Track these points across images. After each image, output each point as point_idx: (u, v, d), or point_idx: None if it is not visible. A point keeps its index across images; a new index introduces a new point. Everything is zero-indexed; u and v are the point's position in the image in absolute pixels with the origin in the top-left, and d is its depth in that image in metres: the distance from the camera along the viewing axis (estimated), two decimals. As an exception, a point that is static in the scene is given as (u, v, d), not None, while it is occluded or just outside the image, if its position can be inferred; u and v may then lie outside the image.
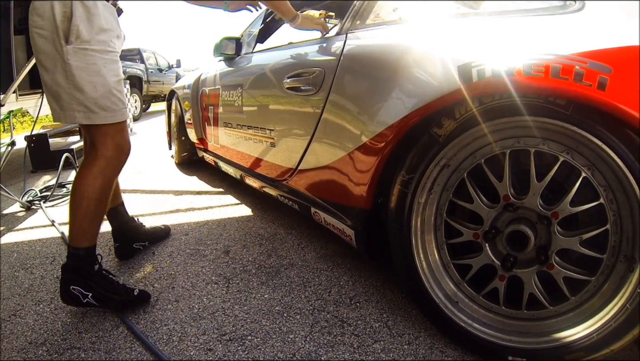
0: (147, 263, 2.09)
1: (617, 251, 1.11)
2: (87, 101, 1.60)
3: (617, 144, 1.01)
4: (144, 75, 11.24)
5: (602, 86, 0.93)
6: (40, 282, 1.94)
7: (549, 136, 1.15)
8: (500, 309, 1.31)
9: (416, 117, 1.33)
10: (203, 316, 1.61)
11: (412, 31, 1.56)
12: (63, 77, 1.56)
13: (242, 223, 2.62)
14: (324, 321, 1.56)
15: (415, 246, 1.42)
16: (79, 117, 1.63)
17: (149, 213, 2.87)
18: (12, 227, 2.72)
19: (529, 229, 1.22)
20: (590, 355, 1.13)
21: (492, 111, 1.18)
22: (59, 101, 1.61)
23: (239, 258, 2.10)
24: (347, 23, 1.88)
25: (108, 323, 1.59)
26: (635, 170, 0.99)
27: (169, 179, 3.86)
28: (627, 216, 1.07)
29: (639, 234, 1.05)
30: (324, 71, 1.81)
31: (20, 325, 1.62)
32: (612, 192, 1.09)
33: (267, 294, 1.76)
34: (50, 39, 1.53)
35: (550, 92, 1.05)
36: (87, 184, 1.64)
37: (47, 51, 1.55)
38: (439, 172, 1.34)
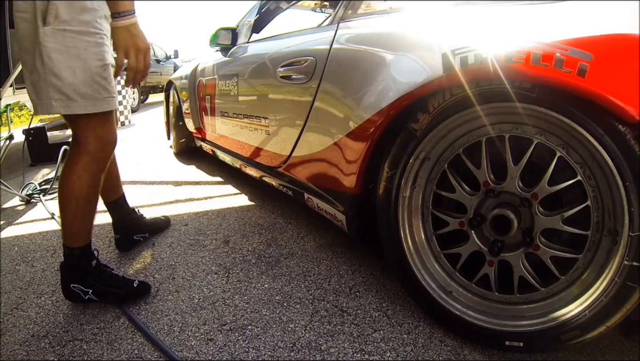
0: (147, 254, 2.10)
1: (601, 226, 1.12)
2: (65, 87, 1.46)
3: (588, 123, 1.03)
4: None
5: (583, 72, 0.95)
6: (41, 275, 1.94)
7: (522, 120, 1.19)
8: (494, 295, 1.32)
9: (396, 108, 1.39)
10: (203, 307, 1.62)
11: (399, 20, 1.60)
12: (40, 62, 1.42)
13: (241, 212, 2.62)
14: (324, 310, 1.57)
15: (405, 239, 1.46)
16: (56, 107, 1.47)
17: (149, 204, 2.87)
18: (12, 221, 2.73)
19: (511, 212, 1.25)
20: (586, 333, 1.13)
21: (464, 101, 1.23)
22: (37, 89, 1.47)
23: (238, 247, 2.11)
24: (340, 12, 1.91)
25: (109, 315, 1.60)
26: (607, 144, 1.01)
27: (168, 170, 3.86)
28: (605, 190, 1.09)
29: (619, 207, 1.05)
30: (315, 59, 1.85)
31: (22, 318, 1.62)
32: (589, 168, 1.11)
33: (267, 283, 1.77)
34: (31, 22, 1.41)
35: (531, 79, 1.07)
36: (73, 183, 1.56)
37: (28, 35, 1.43)
38: (420, 165, 1.39)
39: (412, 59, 1.39)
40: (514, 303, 1.30)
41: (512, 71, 1.07)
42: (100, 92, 1.54)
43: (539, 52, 1.02)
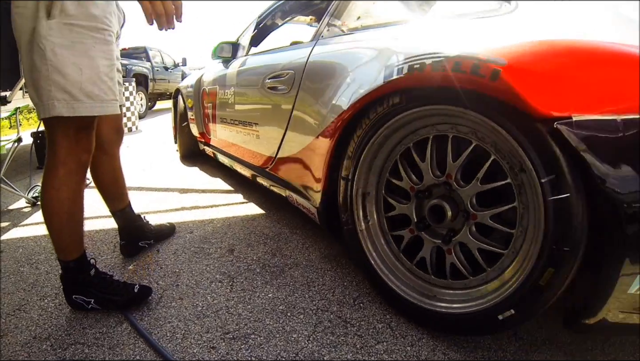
0: (151, 260, 2.09)
1: (527, 222, 1.22)
2: (70, 85, 1.36)
3: (512, 128, 1.14)
4: (149, 73, 11.27)
5: (495, 76, 1.09)
6: (45, 277, 1.94)
7: (455, 122, 1.34)
8: (430, 278, 1.49)
9: (349, 114, 1.61)
10: (207, 314, 1.61)
11: (360, 39, 1.85)
12: (41, 59, 1.32)
13: (247, 221, 2.62)
14: (327, 321, 1.56)
15: (359, 222, 1.68)
16: (59, 107, 1.36)
17: (154, 211, 2.88)
18: (17, 222, 2.73)
19: (446, 203, 1.39)
20: (522, 314, 1.20)
21: (400, 106, 1.42)
22: (38, 89, 1.36)
23: (243, 256, 2.11)
24: (319, 30, 2.17)
25: (112, 319, 1.60)
26: (529, 149, 1.11)
27: (174, 177, 3.87)
28: (529, 189, 1.18)
29: (537, 205, 1.14)
30: (294, 72, 2.09)
31: (24, 319, 1.62)
32: (516, 171, 1.22)
33: (271, 293, 1.76)
34: (30, 17, 1.31)
35: (452, 84, 1.21)
36: (52, 198, 1.48)
37: (27, 31, 1.33)
38: (372, 157, 1.60)
39: (363, 71, 1.61)
40: (456, 288, 1.43)
41: (438, 78, 1.24)
42: (107, 93, 1.47)
43: (460, 60, 1.17)
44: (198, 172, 4.05)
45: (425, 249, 1.50)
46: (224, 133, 3.22)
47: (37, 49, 1.32)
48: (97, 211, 2.68)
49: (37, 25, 1.31)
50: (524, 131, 1.11)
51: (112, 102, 1.50)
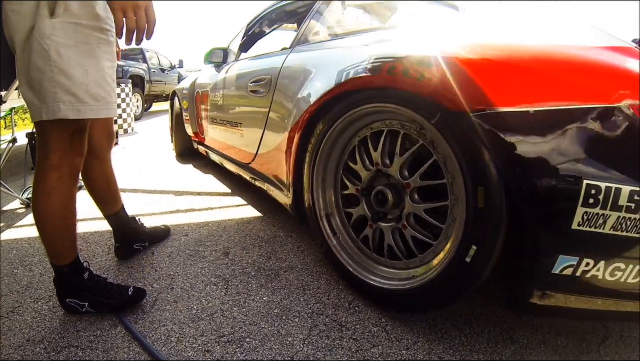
0: (146, 263, 2.08)
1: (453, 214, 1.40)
2: (75, 87, 1.33)
3: (438, 122, 1.31)
4: (146, 75, 11.26)
5: (422, 77, 1.29)
6: (39, 279, 1.93)
7: (396, 117, 1.53)
8: (372, 254, 1.72)
9: (309, 114, 1.82)
10: (201, 318, 1.61)
11: (323, 47, 2.10)
12: (44, 59, 1.28)
13: (242, 224, 2.62)
14: (323, 324, 1.56)
15: (317, 203, 1.90)
16: (64, 110, 1.33)
17: (149, 213, 2.87)
18: (11, 223, 2.72)
19: (389, 191, 1.58)
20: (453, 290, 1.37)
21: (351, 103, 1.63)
22: (39, 91, 1.31)
23: (238, 259, 2.10)
24: (296, 38, 2.44)
25: (106, 322, 1.59)
26: (459, 153, 1.26)
27: (169, 179, 3.86)
28: (458, 183, 1.31)
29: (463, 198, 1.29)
30: (271, 77, 2.32)
31: (18, 322, 1.61)
32: (452, 174, 1.36)
33: (265, 296, 1.75)
34: (28, 14, 1.27)
35: (389, 85, 1.44)
36: (43, 203, 1.45)
37: (24, 29, 1.28)
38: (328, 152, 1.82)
39: (323, 75, 1.80)
40: (400, 268, 1.62)
41: (377, 80, 1.47)
42: (111, 95, 1.47)
43: (394, 64, 1.38)
44: (192, 170, 4.07)
45: (387, 236, 1.65)
46: (215, 133, 3.45)
47: (39, 48, 1.28)
48: (91, 212, 2.67)
49: (38, 24, 1.27)
50: (448, 125, 1.27)
51: (114, 104, 1.49)
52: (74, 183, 1.52)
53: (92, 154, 1.75)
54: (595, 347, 1.42)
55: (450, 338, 1.47)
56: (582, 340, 1.47)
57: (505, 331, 1.51)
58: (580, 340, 1.47)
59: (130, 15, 1.24)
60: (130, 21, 1.25)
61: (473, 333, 1.50)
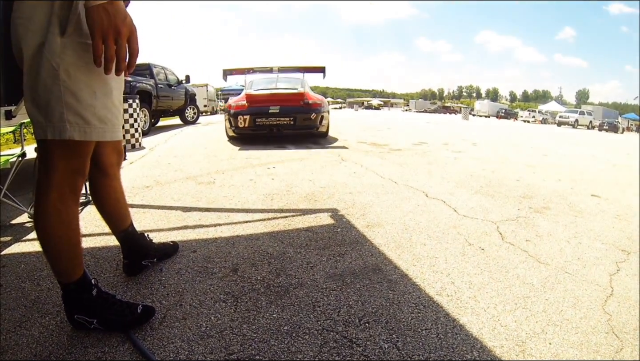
0: (154, 279, 2.07)
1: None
2: (83, 109, 1.32)
3: None
4: (153, 90, 11.34)
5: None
6: (46, 294, 1.92)
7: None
8: None
9: None
10: (211, 335, 1.59)
11: None
12: (53, 78, 1.26)
13: (250, 240, 2.60)
14: (333, 341, 1.54)
15: None
16: (70, 131, 1.32)
17: (157, 229, 2.86)
18: (20, 237, 2.71)
19: None
20: None
21: None
22: (45, 109, 1.29)
23: (247, 276, 2.09)
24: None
25: (114, 339, 1.57)
26: None
27: (177, 195, 3.85)
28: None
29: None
30: None
31: (25, 336, 1.60)
32: None
33: (275, 313, 1.74)
34: (38, 30, 1.25)
35: None
36: (45, 222, 1.42)
37: (33, 44, 1.26)
38: None
39: None
40: None
41: None
42: (118, 118, 1.46)
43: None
44: (196, 187, 4.06)
45: None
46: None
47: (48, 67, 1.26)
48: (99, 228, 2.67)
49: (48, 41, 1.25)
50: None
51: (120, 126, 1.48)
52: (76, 202, 1.49)
53: (101, 171, 1.76)
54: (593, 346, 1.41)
55: (463, 352, 1.45)
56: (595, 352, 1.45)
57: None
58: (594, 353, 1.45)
59: (110, 43, 1.21)
60: (110, 50, 1.21)
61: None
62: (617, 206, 3.85)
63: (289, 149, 7.10)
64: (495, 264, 2.30)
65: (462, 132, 13.65)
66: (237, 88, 32.42)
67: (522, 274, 2.17)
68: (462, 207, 3.49)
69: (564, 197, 4.08)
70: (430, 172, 5.09)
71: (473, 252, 2.47)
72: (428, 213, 3.30)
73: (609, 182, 5.21)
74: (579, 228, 3.07)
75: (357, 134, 10.46)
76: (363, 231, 2.80)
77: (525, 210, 3.49)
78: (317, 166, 5.28)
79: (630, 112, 60.17)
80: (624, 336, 1.64)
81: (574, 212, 3.53)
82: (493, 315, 1.77)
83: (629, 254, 2.56)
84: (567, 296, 1.95)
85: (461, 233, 2.82)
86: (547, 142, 11.75)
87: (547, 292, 1.99)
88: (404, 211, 3.33)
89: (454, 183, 4.50)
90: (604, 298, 1.95)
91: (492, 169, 5.49)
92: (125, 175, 4.69)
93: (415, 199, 3.74)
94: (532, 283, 2.07)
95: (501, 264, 2.30)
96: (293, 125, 7.64)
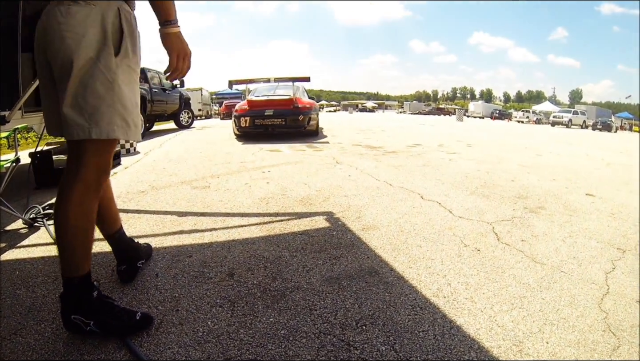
0: (150, 284, 2.06)
1: None
2: (128, 116, 1.60)
3: None
4: (147, 95, 11.32)
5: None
6: (42, 301, 1.91)
7: None
8: None
9: None
10: (208, 340, 1.59)
11: None
12: (107, 89, 1.52)
13: (246, 245, 2.60)
14: (330, 344, 1.54)
15: None
16: (117, 131, 1.58)
17: (152, 234, 2.85)
18: (14, 244, 2.70)
19: None
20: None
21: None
22: (91, 113, 1.51)
23: (243, 280, 2.08)
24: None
25: (111, 346, 1.56)
26: None
27: (172, 199, 3.84)
28: None
29: None
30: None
31: (20, 344, 1.59)
32: None
33: (272, 317, 1.73)
34: (90, 47, 1.48)
35: None
36: (69, 212, 1.55)
37: (85, 58, 1.48)
38: None
39: None
40: None
41: None
42: (139, 124, 1.71)
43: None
44: (190, 191, 4.05)
45: None
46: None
47: (103, 79, 1.52)
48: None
49: (105, 58, 1.51)
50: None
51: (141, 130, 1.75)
52: (97, 198, 1.65)
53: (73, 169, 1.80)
54: (591, 347, 1.42)
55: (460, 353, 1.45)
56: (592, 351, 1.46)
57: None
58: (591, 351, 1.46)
59: (181, 60, 1.66)
60: (180, 64, 1.65)
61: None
62: (612, 205, 3.87)
63: (284, 152, 7.09)
64: (492, 264, 2.31)
65: (457, 133, 13.68)
66: (231, 92, 32.41)
67: (518, 274, 2.18)
68: (457, 208, 3.50)
69: (559, 196, 4.10)
70: (425, 174, 5.10)
71: (469, 253, 2.48)
72: (423, 214, 3.31)
73: (603, 181, 5.24)
74: (574, 227, 3.09)
75: (351, 136, 10.47)
76: (359, 234, 2.80)
77: (520, 210, 3.50)
78: (312, 169, 5.28)
79: (623, 111, 60.53)
80: (620, 333, 1.64)
81: (569, 211, 3.55)
82: (490, 315, 1.78)
83: (624, 252, 2.57)
84: (564, 295, 1.96)
85: (457, 234, 2.82)
86: (541, 142, 11.80)
87: (544, 291, 1.99)
88: (399, 213, 3.34)
89: (449, 184, 4.51)
90: (600, 296, 1.96)
91: (486, 170, 5.50)
92: (120, 180, 4.68)
93: (410, 201, 3.74)
94: (529, 283, 2.08)
95: (497, 265, 2.30)
96: (284, 125, 9.27)
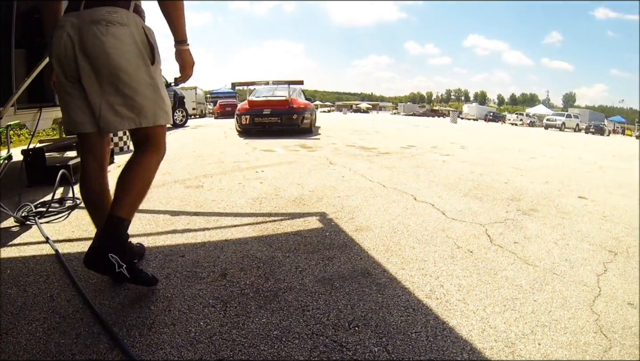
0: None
1: None
2: (166, 107, 2.01)
3: None
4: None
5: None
6: (33, 300, 1.90)
7: None
8: None
9: None
10: (200, 340, 1.58)
11: None
12: (151, 91, 1.91)
13: (239, 245, 2.59)
14: (323, 345, 1.54)
15: None
16: (162, 119, 1.99)
17: (145, 233, 2.83)
18: (5, 242, 2.67)
19: None
20: None
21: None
22: (139, 110, 1.89)
23: (236, 281, 2.08)
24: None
25: (102, 346, 1.56)
26: None
27: (165, 198, 3.83)
28: None
29: None
30: None
31: (12, 344, 1.58)
32: None
33: (264, 318, 1.73)
34: (133, 60, 1.83)
35: None
36: (145, 170, 1.97)
37: (131, 69, 1.83)
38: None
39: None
40: None
41: None
42: (171, 111, 2.11)
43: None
44: (183, 190, 4.03)
45: None
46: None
47: (147, 84, 1.90)
48: (86, 232, 2.65)
49: (147, 66, 1.89)
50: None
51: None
52: (157, 167, 2.07)
53: (98, 163, 2.13)
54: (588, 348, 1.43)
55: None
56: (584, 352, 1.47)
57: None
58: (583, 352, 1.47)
59: (190, 69, 2.16)
60: (189, 73, 2.18)
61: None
62: (604, 208, 3.90)
63: (277, 152, 7.09)
64: (484, 266, 2.32)
65: (451, 135, 13.72)
66: (225, 91, 32.35)
67: (510, 276, 2.19)
68: (450, 210, 3.51)
69: (552, 199, 4.12)
70: (418, 175, 5.11)
71: (462, 255, 2.49)
72: (417, 216, 3.31)
73: (595, 184, 5.27)
74: (566, 229, 3.10)
75: (345, 137, 10.47)
76: (352, 235, 2.80)
77: (513, 212, 3.52)
78: (305, 170, 5.28)
79: (616, 114, 60.92)
80: (612, 335, 1.66)
81: (561, 214, 3.57)
82: (482, 316, 1.78)
83: (616, 254, 2.59)
84: (556, 297, 1.97)
85: (450, 235, 2.83)
86: (535, 145, 11.85)
87: (536, 293, 2.00)
88: (392, 214, 3.34)
89: (442, 186, 4.52)
90: (592, 298, 1.97)
91: (480, 172, 5.52)
92: (114, 178, 4.64)
93: (403, 202, 3.75)
94: (521, 285, 2.09)
95: (490, 267, 2.31)
96: (280, 123, 10.28)
